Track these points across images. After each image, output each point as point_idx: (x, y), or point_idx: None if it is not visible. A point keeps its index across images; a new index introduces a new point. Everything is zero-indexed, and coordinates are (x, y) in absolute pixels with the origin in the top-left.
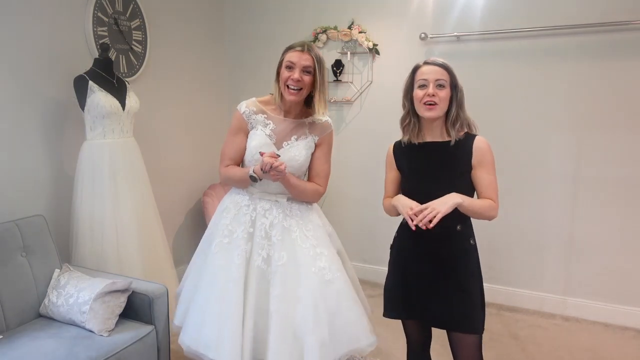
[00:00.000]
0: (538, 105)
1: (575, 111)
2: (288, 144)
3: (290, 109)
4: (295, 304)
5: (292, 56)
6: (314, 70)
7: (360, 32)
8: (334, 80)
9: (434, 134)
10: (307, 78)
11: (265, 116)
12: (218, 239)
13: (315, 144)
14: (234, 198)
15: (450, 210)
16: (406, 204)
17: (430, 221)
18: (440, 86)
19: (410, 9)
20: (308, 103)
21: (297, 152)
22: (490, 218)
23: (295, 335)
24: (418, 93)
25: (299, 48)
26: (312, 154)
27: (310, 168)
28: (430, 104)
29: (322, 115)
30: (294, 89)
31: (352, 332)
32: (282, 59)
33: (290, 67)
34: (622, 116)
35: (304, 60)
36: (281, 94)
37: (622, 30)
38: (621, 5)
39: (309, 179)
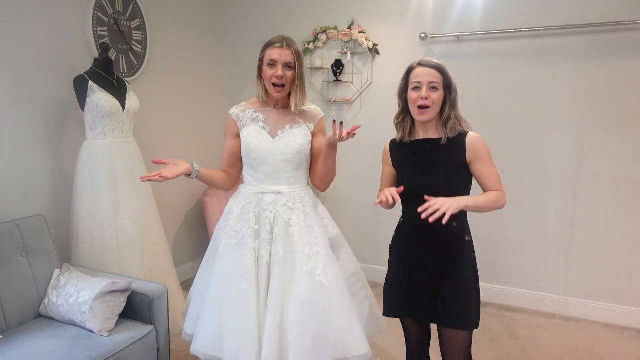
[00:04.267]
0: (538, 105)
1: (575, 111)
2: (283, 131)
3: (277, 102)
4: (286, 303)
5: (272, 53)
6: (295, 65)
7: (360, 32)
8: (334, 80)
9: (427, 132)
10: (289, 73)
11: (254, 110)
12: (224, 241)
13: (311, 132)
14: (236, 199)
15: (457, 210)
16: (386, 190)
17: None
18: (434, 89)
19: (410, 9)
20: None
21: (292, 138)
22: (500, 207)
23: (283, 335)
24: (412, 95)
25: (278, 44)
26: (313, 145)
27: (314, 160)
28: (422, 108)
29: (303, 105)
30: (278, 86)
31: (340, 341)
32: (263, 56)
33: (272, 65)
34: (623, 116)
35: (285, 56)
36: (266, 91)
37: (622, 30)
38: (621, 5)
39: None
